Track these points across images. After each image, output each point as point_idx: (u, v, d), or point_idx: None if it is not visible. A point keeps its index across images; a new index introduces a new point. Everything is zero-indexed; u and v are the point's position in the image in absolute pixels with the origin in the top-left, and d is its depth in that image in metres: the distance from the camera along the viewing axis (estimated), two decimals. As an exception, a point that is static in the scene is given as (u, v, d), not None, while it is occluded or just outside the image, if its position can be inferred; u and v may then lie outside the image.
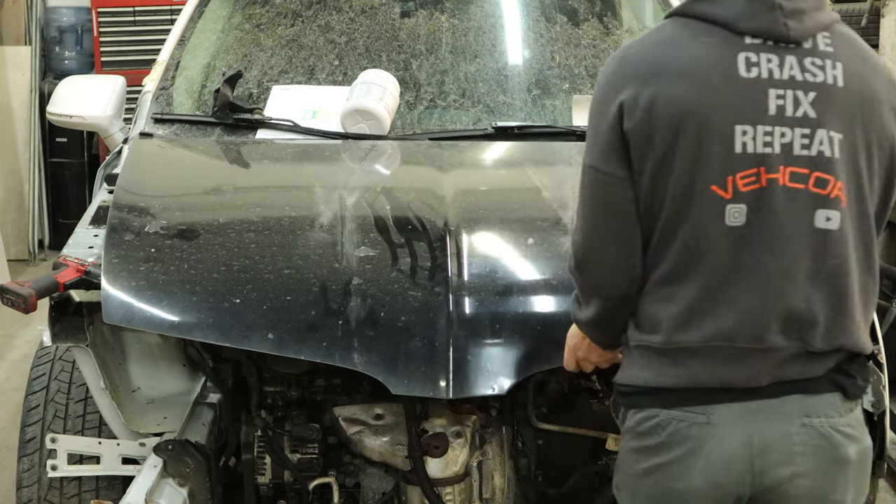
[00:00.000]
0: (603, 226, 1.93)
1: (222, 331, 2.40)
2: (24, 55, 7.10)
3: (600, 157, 1.90)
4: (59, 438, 2.68)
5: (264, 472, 2.74)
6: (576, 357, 2.21)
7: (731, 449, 1.86)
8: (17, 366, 5.16)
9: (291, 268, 2.55)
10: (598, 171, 1.90)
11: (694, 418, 1.87)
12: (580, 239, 1.97)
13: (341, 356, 2.35)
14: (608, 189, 1.90)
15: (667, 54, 1.89)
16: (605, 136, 1.89)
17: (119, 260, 2.50)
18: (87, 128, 4.04)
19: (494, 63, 3.55)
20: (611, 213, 1.91)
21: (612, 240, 1.91)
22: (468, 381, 2.34)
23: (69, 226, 2.99)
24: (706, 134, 1.82)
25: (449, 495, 2.68)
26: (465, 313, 2.41)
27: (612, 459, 2.83)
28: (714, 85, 1.83)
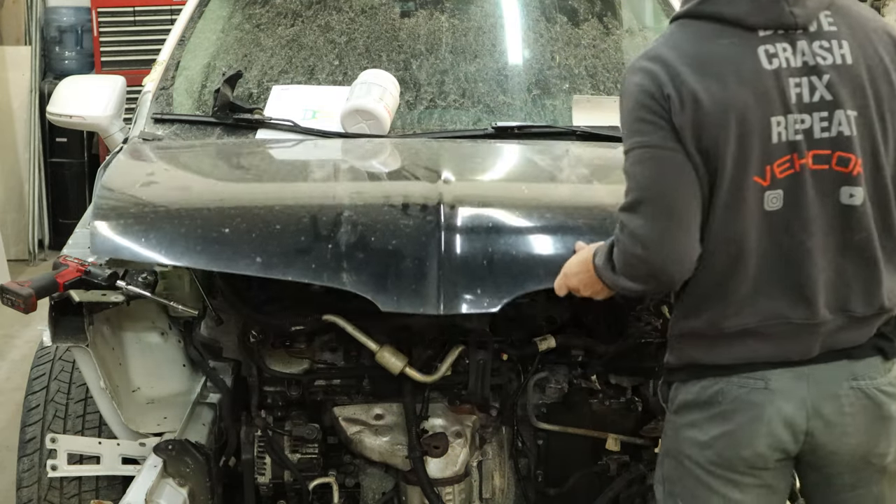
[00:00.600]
0: (676, 205, 1.93)
1: (210, 257, 2.39)
2: (24, 55, 7.10)
3: (662, 137, 1.92)
4: (59, 438, 2.68)
5: (264, 472, 2.74)
6: (570, 285, 2.22)
7: (790, 412, 1.97)
8: (17, 366, 5.15)
9: (283, 202, 2.60)
10: (663, 149, 1.92)
11: (754, 384, 1.98)
12: (649, 223, 1.92)
13: (329, 276, 2.33)
14: (674, 165, 1.91)
15: (698, 54, 1.94)
16: (660, 124, 1.92)
17: (109, 200, 2.55)
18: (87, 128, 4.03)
19: (494, 63, 3.55)
20: (682, 193, 1.92)
21: (683, 224, 1.93)
22: (459, 299, 2.31)
23: (69, 226, 2.99)
24: (747, 129, 1.91)
25: (449, 495, 2.68)
26: (456, 236, 2.38)
27: (612, 459, 2.83)
28: (746, 81, 1.91)
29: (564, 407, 2.84)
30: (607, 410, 2.85)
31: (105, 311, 2.53)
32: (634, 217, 1.94)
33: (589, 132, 3.43)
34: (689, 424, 2.05)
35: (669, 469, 2.12)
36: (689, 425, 2.05)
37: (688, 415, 2.06)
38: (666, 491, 2.14)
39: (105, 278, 2.39)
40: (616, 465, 2.83)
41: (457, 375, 2.67)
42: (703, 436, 2.02)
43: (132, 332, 2.70)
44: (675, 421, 2.09)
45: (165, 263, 2.44)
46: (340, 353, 2.75)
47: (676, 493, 2.11)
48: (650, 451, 2.86)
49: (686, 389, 2.06)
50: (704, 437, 2.02)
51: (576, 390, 2.84)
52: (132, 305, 2.55)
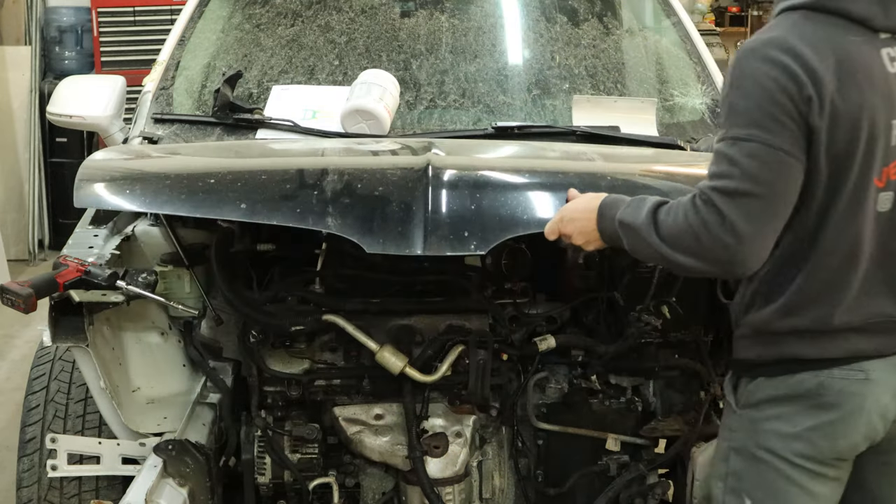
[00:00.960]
0: (780, 210, 1.94)
1: (194, 204, 2.40)
2: (24, 55, 7.10)
3: (790, 142, 1.92)
4: (59, 438, 2.68)
5: (264, 472, 2.74)
6: (564, 231, 2.22)
7: (885, 402, 2.03)
8: (17, 366, 5.16)
9: (270, 157, 2.65)
10: (787, 154, 1.92)
11: (855, 375, 2.02)
12: (752, 219, 1.91)
13: (315, 220, 2.32)
14: (792, 173, 1.93)
15: (833, 53, 1.94)
16: (790, 127, 1.91)
17: (94, 162, 2.60)
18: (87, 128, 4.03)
19: (494, 63, 3.55)
20: (789, 200, 1.95)
21: (777, 226, 1.96)
22: (445, 240, 2.28)
23: (69, 226, 2.99)
24: (874, 131, 1.95)
25: (449, 495, 2.68)
26: (443, 186, 2.36)
27: (612, 459, 2.83)
28: (876, 84, 1.95)
29: (564, 407, 2.84)
30: (607, 410, 2.85)
31: (105, 311, 2.53)
32: (734, 206, 1.91)
33: (589, 132, 3.43)
34: (775, 417, 2.06)
35: (737, 464, 2.12)
36: (773, 418, 2.06)
37: (773, 408, 2.07)
38: (728, 487, 2.14)
39: (105, 278, 2.39)
40: (616, 465, 2.83)
41: (457, 375, 2.67)
42: (792, 428, 2.04)
43: (132, 332, 2.70)
44: (753, 415, 2.10)
45: (148, 211, 2.44)
46: (340, 353, 2.75)
47: (744, 488, 2.11)
48: (650, 451, 2.87)
49: (774, 384, 2.07)
50: (793, 429, 2.03)
51: (576, 390, 2.84)
52: (132, 305, 2.55)
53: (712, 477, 2.21)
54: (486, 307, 2.74)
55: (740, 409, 2.13)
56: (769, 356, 2.09)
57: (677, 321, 2.75)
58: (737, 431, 2.14)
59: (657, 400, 2.91)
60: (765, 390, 2.08)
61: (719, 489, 2.16)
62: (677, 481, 2.91)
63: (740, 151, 1.92)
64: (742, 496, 2.11)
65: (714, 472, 2.20)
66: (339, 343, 2.73)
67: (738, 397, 2.14)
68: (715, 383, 2.85)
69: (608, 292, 2.82)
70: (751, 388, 2.11)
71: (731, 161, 1.92)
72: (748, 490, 2.10)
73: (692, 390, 2.90)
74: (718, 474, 2.18)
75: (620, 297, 2.78)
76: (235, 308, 2.64)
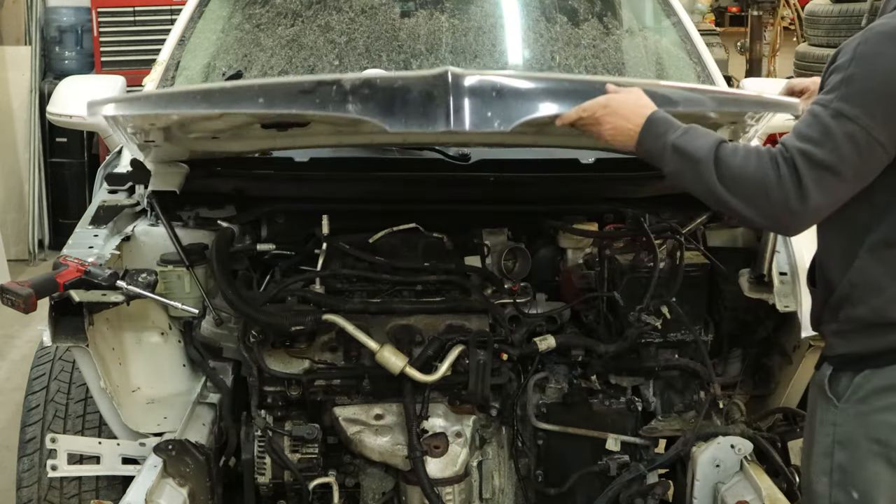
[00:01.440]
0: (851, 193, 1.97)
1: (211, 102, 2.34)
2: (24, 55, 7.10)
3: (889, 136, 1.92)
4: (59, 438, 2.68)
5: (264, 472, 2.74)
6: (600, 118, 2.15)
7: None
8: (17, 366, 5.16)
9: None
10: (884, 148, 1.93)
11: None
12: (825, 191, 1.94)
13: (335, 107, 2.26)
14: (878, 165, 1.95)
15: None
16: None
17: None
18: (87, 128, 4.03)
19: (494, 63, 3.55)
20: (863, 185, 1.98)
21: (840, 205, 2.00)
22: (468, 118, 2.22)
23: (69, 226, 2.99)
24: None
25: (449, 495, 2.68)
26: (464, 77, 2.28)
27: (612, 459, 2.83)
28: None
29: (564, 407, 2.84)
30: (607, 410, 2.85)
31: (105, 311, 2.53)
32: (815, 176, 1.92)
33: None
34: (886, 408, 2.05)
35: (843, 458, 2.10)
36: (884, 410, 2.05)
37: (885, 399, 2.06)
38: (835, 482, 2.12)
39: (105, 278, 2.39)
40: (616, 465, 2.83)
41: (457, 375, 2.67)
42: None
43: (132, 332, 2.70)
44: (860, 408, 2.08)
45: (164, 113, 2.39)
46: (340, 353, 2.75)
47: (851, 482, 2.10)
48: (650, 451, 2.87)
49: (884, 375, 2.06)
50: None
51: (576, 390, 2.84)
52: (132, 305, 2.55)
53: (815, 473, 2.17)
54: (486, 307, 2.74)
55: (843, 404, 2.10)
56: (878, 347, 2.07)
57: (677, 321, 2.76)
58: (842, 426, 2.11)
59: (657, 400, 2.92)
60: (874, 382, 2.07)
61: (824, 484, 2.14)
62: (677, 481, 2.91)
63: (840, 127, 1.92)
64: (849, 490, 2.10)
65: (816, 468, 2.16)
66: (339, 343, 2.73)
67: (840, 392, 2.11)
68: (715, 383, 2.85)
69: (608, 292, 2.82)
70: (858, 381, 2.08)
71: (828, 132, 1.92)
72: (855, 483, 2.09)
73: (692, 390, 2.90)
74: (822, 470, 2.15)
75: (620, 297, 2.78)
76: (235, 308, 2.64)
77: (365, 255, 2.85)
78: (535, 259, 3.00)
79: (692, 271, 2.80)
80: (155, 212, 2.86)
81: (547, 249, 3.07)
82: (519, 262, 2.98)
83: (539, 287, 2.97)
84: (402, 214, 2.99)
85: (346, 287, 2.81)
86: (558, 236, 3.01)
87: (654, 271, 2.77)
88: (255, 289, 2.76)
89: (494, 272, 2.90)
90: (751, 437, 2.70)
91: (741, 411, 2.90)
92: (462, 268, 2.88)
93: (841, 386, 2.11)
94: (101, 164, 3.86)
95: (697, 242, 2.91)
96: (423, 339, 2.69)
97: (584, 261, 2.97)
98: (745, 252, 2.95)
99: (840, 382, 2.11)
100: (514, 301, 2.80)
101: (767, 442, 2.70)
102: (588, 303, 2.89)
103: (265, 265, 2.93)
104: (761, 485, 2.55)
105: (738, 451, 2.67)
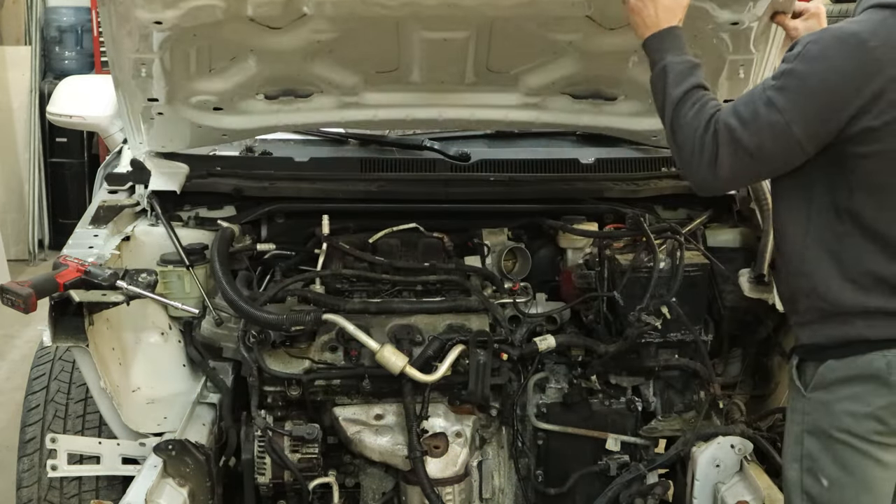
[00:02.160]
0: (761, 178, 2.28)
1: None
2: (24, 55, 7.10)
3: (811, 137, 2.00)
4: (59, 438, 2.68)
5: (264, 472, 2.74)
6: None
7: None
8: (17, 366, 5.16)
9: None
10: (802, 150, 2.02)
11: None
12: (735, 176, 2.11)
13: None
14: (794, 161, 2.06)
15: None
16: (826, 122, 1.98)
17: None
18: (87, 128, 4.04)
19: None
20: (773, 175, 2.17)
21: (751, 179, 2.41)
22: None
23: (69, 226, 2.99)
24: None
25: (449, 495, 2.68)
26: None
27: (612, 459, 2.83)
28: None
29: (564, 407, 2.84)
30: (607, 410, 2.85)
31: (105, 311, 2.53)
32: (731, 153, 2.03)
33: (589, 132, 3.43)
34: (847, 398, 2.08)
35: (812, 446, 2.14)
36: (845, 399, 2.08)
37: (845, 389, 2.09)
38: (804, 468, 2.16)
39: (105, 278, 2.39)
40: (616, 465, 2.83)
41: (457, 375, 2.67)
42: (865, 407, 2.06)
43: (132, 332, 2.70)
44: (824, 397, 2.12)
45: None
46: (340, 353, 2.75)
47: (819, 468, 2.13)
48: (650, 451, 2.87)
49: (844, 365, 2.09)
50: (866, 408, 2.06)
51: (576, 390, 2.84)
52: (132, 305, 2.55)
53: (787, 460, 2.21)
54: (486, 307, 2.75)
55: (810, 393, 2.14)
56: (837, 336, 2.10)
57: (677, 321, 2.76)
58: (809, 414, 2.15)
59: (657, 400, 2.92)
60: (835, 372, 2.10)
61: (795, 471, 2.18)
62: (677, 481, 2.91)
63: (767, 115, 2.00)
64: (818, 476, 2.13)
65: (788, 455, 2.20)
66: (339, 343, 2.73)
67: (807, 381, 2.15)
68: (715, 383, 2.85)
69: (608, 292, 2.83)
70: (822, 371, 2.12)
71: (755, 116, 2.01)
72: (823, 469, 2.12)
73: (692, 390, 2.90)
74: (794, 457, 2.18)
75: (620, 297, 2.78)
76: (235, 308, 2.64)
77: (365, 255, 2.85)
78: (535, 259, 3.01)
79: (692, 271, 2.80)
80: (155, 212, 2.87)
81: (547, 249, 3.08)
82: (519, 262, 2.98)
83: (539, 287, 2.97)
84: (402, 214, 3.00)
85: (347, 287, 2.81)
86: (558, 236, 3.02)
87: (654, 271, 2.77)
88: (255, 289, 2.76)
89: (494, 272, 2.91)
90: (751, 437, 2.70)
91: (741, 411, 2.90)
92: (462, 268, 2.88)
93: (807, 375, 2.16)
94: (101, 164, 3.86)
95: (697, 242, 2.91)
96: (423, 339, 2.69)
97: (584, 261, 2.97)
98: (745, 252, 2.95)
99: (806, 372, 2.16)
100: (514, 301, 2.80)
101: (767, 442, 2.70)
102: (588, 303, 2.89)
103: (265, 265, 2.93)
104: (761, 485, 2.55)
105: (738, 451, 2.67)
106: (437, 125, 3.13)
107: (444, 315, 2.74)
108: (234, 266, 2.80)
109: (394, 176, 3.11)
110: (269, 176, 3.04)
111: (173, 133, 2.92)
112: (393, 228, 2.96)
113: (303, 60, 2.69)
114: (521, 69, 2.83)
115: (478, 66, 2.79)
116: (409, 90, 2.91)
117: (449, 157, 3.18)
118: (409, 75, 2.81)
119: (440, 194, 3.02)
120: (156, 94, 2.71)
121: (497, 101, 2.99)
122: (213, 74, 2.73)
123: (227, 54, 2.67)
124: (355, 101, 2.93)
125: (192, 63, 2.66)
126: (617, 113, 3.05)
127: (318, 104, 2.92)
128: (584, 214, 3.02)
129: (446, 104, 2.99)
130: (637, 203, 3.04)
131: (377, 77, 2.84)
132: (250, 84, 2.77)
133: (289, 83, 2.82)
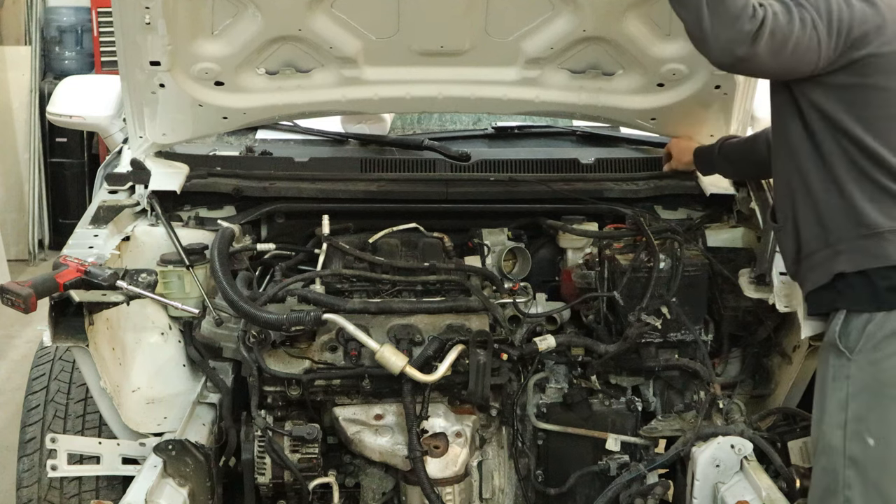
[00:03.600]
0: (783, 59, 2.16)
1: None
2: (24, 55, 7.11)
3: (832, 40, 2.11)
4: (59, 438, 2.68)
5: (264, 472, 2.74)
6: None
7: None
8: (17, 366, 5.16)
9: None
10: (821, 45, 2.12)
11: None
12: (772, 45, 2.11)
13: None
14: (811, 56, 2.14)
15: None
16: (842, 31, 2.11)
17: None
18: (87, 128, 4.03)
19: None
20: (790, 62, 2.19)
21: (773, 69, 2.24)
22: None
23: (69, 226, 2.99)
24: None
25: (449, 495, 2.68)
26: None
27: (612, 459, 2.83)
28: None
29: (564, 407, 2.84)
30: (607, 410, 2.85)
31: (105, 311, 2.53)
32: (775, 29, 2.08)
33: (589, 132, 3.44)
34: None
35: (858, 409, 2.16)
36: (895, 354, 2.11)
37: (894, 344, 2.12)
38: (849, 434, 2.17)
39: (105, 278, 2.39)
40: (616, 465, 2.83)
41: (457, 375, 2.67)
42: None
43: (132, 332, 2.70)
44: (872, 357, 2.14)
45: None
46: (340, 353, 2.75)
47: (865, 429, 2.15)
48: (650, 451, 2.87)
49: (894, 318, 2.12)
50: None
51: (576, 390, 2.84)
52: (132, 305, 2.55)
53: (828, 426, 2.22)
54: (486, 307, 2.75)
55: (856, 356, 2.16)
56: (876, 261, 2.13)
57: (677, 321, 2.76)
58: (854, 377, 2.16)
59: (657, 400, 2.92)
60: (883, 328, 2.12)
61: (839, 438, 2.19)
62: (677, 481, 2.91)
63: (802, 13, 2.10)
64: (865, 437, 2.14)
65: (831, 422, 2.21)
66: (339, 343, 2.73)
67: (851, 344, 2.17)
68: (715, 383, 2.85)
69: (608, 292, 2.83)
70: (870, 330, 2.14)
71: (792, 9, 2.10)
72: (870, 429, 2.14)
73: (692, 390, 2.90)
74: (837, 424, 2.19)
75: (620, 297, 2.78)
76: (235, 308, 2.64)
77: (365, 256, 2.85)
78: (535, 259, 3.01)
79: (692, 271, 2.80)
80: (155, 212, 2.87)
81: (547, 249, 3.08)
82: (519, 262, 2.99)
83: (539, 287, 2.97)
84: (402, 214, 3.00)
85: (347, 287, 2.81)
86: (558, 236, 3.02)
87: (654, 271, 2.77)
88: (255, 289, 2.76)
89: (494, 272, 2.91)
90: (751, 437, 2.70)
91: (741, 411, 2.90)
92: (462, 268, 2.88)
93: (851, 338, 2.17)
94: (101, 164, 3.86)
95: (697, 242, 2.91)
96: (423, 339, 2.69)
97: (584, 261, 2.97)
98: (745, 252, 2.95)
99: (850, 336, 2.18)
100: (514, 301, 2.80)
101: (767, 442, 2.70)
102: (588, 303, 2.89)
103: (265, 265, 2.93)
104: (761, 485, 2.54)
105: (738, 451, 2.67)
106: (437, 105, 3.11)
107: (444, 315, 2.74)
108: (234, 266, 2.80)
109: (394, 176, 3.11)
110: (269, 176, 3.04)
111: (174, 115, 2.90)
112: (393, 228, 2.96)
113: (307, 10, 2.67)
114: (519, 33, 2.80)
115: (476, 30, 2.78)
116: (409, 63, 2.89)
117: (449, 157, 3.18)
118: (409, 40, 2.79)
119: (440, 194, 3.02)
120: (158, 55, 2.70)
121: (496, 77, 2.96)
122: (216, 37, 2.72)
123: (230, 12, 2.66)
124: (356, 75, 2.90)
125: (194, 21, 2.65)
126: (616, 90, 3.02)
127: (318, 80, 2.90)
128: (584, 214, 3.02)
129: (446, 80, 2.96)
130: (637, 203, 3.04)
131: (377, 46, 2.81)
132: (252, 46, 2.74)
133: (290, 52, 2.80)
